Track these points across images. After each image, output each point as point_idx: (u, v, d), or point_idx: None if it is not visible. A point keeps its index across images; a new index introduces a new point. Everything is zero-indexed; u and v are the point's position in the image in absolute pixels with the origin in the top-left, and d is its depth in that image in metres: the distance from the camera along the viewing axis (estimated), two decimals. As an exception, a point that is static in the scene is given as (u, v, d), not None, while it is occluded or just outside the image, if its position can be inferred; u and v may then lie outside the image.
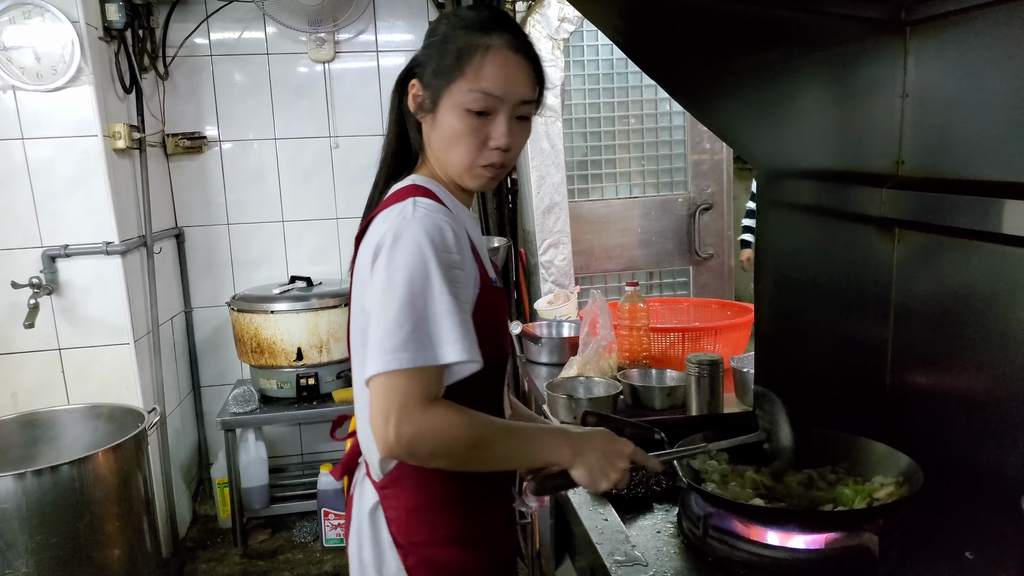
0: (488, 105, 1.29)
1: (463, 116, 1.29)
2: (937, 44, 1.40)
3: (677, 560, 1.34)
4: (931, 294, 1.46)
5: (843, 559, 1.26)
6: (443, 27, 1.35)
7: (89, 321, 3.16)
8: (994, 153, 1.29)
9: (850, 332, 1.69)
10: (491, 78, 1.28)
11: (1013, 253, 1.25)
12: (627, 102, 3.78)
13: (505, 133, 1.31)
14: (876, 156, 1.55)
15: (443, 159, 1.36)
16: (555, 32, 3.39)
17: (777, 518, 1.32)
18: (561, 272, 3.55)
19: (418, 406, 1.14)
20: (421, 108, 1.35)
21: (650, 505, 1.56)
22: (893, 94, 1.50)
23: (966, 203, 1.31)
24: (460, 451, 1.18)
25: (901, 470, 1.38)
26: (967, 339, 1.37)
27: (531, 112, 1.37)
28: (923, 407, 1.49)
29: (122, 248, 3.13)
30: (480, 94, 1.28)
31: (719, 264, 3.98)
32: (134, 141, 3.25)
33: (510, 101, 1.30)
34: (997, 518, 1.30)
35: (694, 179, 3.88)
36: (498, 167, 1.35)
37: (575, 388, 2.24)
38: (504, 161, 1.35)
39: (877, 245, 1.56)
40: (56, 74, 2.95)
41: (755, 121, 1.86)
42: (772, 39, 1.67)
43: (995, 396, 1.31)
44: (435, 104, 1.32)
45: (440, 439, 1.15)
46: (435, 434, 1.15)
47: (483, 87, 1.28)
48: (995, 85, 1.28)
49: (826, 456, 1.51)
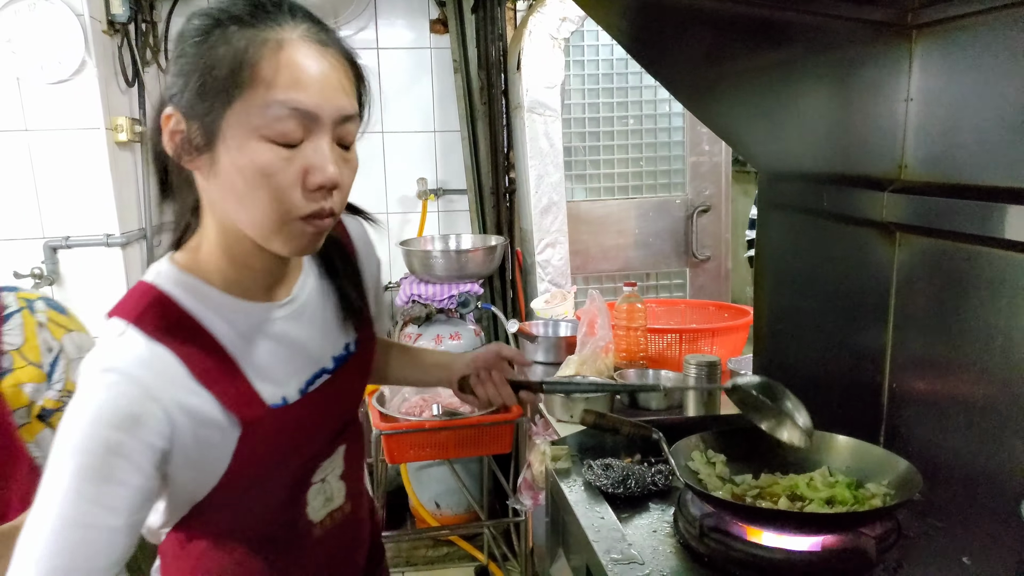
0: (297, 126, 0.89)
1: (260, 148, 0.89)
2: (942, 48, 1.40)
3: (673, 559, 1.34)
4: (931, 299, 1.46)
5: (839, 561, 1.26)
6: (200, 24, 0.90)
7: (90, 312, 3.14)
8: (998, 158, 1.30)
9: (849, 335, 1.69)
10: (296, 85, 0.88)
11: (1015, 259, 1.26)
12: (626, 102, 3.78)
13: (332, 161, 0.91)
14: (879, 160, 1.55)
15: (234, 219, 0.95)
16: (556, 31, 3.39)
17: (774, 519, 1.32)
18: (558, 272, 3.55)
19: None
20: (186, 149, 0.92)
21: (646, 504, 1.56)
22: (897, 98, 1.50)
23: (968, 208, 1.31)
24: None
25: (899, 474, 1.38)
26: (967, 345, 1.37)
27: (353, 136, 0.97)
28: (922, 412, 1.50)
29: (123, 240, 3.14)
30: (285, 109, 0.88)
31: (716, 266, 3.98)
32: (136, 134, 3.26)
33: (328, 117, 0.91)
34: (995, 524, 1.31)
35: (692, 181, 3.88)
36: (327, 215, 0.94)
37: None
38: (334, 207, 0.95)
39: (878, 249, 1.56)
40: (61, 67, 2.95)
41: (757, 123, 1.86)
42: (776, 41, 1.67)
43: (994, 402, 1.32)
44: (210, 139, 0.90)
45: None
46: None
47: (287, 98, 0.88)
48: (1000, 90, 1.28)
49: (823, 458, 1.52)
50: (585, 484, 1.61)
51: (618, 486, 1.58)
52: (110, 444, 0.88)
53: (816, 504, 1.38)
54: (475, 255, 3.43)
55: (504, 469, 3.35)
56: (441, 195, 3.98)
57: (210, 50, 0.88)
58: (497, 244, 3.51)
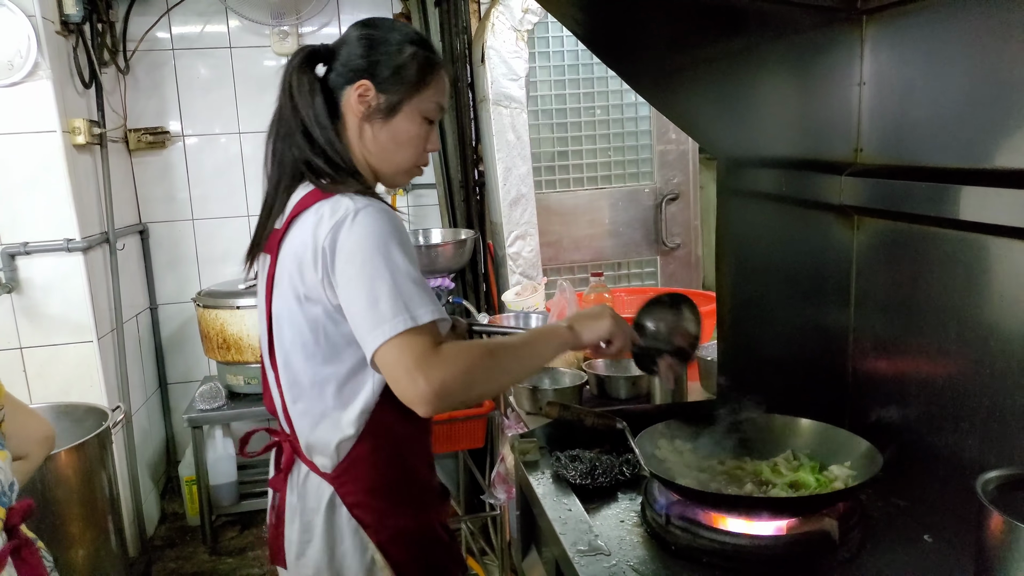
0: (437, 115, 1.47)
1: (420, 123, 1.45)
2: (893, 33, 1.41)
3: (640, 549, 1.34)
4: (890, 280, 1.47)
5: (804, 544, 1.27)
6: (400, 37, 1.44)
7: (51, 319, 3.11)
8: (950, 140, 1.30)
9: (811, 319, 1.70)
10: (443, 94, 1.48)
11: (969, 239, 1.27)
12: (593, 93, 3.77)
13: (437, 140, 1.53)
14: (835, 144, 1.56)
15: (383, 158, 1.46)
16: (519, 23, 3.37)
17: (738, 505, 1.33)
18: (529, 263, 3.54)
19: (432, 352, 1.23)
20: (370, 110, 1.42)
21: (615, 494, 1.56)
22: (851, 82, 1.50)
23: (923, 190, 1.32)
24: (485, 369, 1.30)
25: (860, 455, 1.40)
26: (925, 325, 1.38)
27: None
28: (883, 392, 1.51)
29: (84, 245, 3.08)
30: (436, 105, 1.46)
31: (686, 254, 4.00)
32: (94, 136, 3.20)
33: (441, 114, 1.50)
34: (955, 501, 1.32)
35: (660, 169, 3.89)
36: (423, 167, 1.53)
37: (540, 379, 2.24)
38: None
39: (837, 232, 1.57)
40: (12, 69, 2.89)
41: (715, 110, 1.86)
42: (731, 28, 1.67)
43: (952, 381, 1.33)
44: (393, 109, 1.42)
45: (464, 367, 1.25)
46: (458, 365, 1.24)
47: (440, 101, 1.47)
48: (950, 73, 1.29)
49: (787, 442, 1.53)
50: (554, 476, 1.60)
51: (586, 477, 1.58)
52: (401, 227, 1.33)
53: (780, 488, 1.39)
54: (445, 249, 3.41)
55: (480, 464, 3.35)
56: (410, 190, 3.97)
57: (411, 58, 1.42)
58: (467, 237, 3.50)
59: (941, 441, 1.36)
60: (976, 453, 1.28)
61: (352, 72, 1.42)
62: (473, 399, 1.34)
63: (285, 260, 1.39)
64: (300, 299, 1.36)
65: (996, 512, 0.98)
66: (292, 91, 1.42)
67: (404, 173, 1.51)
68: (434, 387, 1.21)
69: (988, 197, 1.18)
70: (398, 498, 1.45)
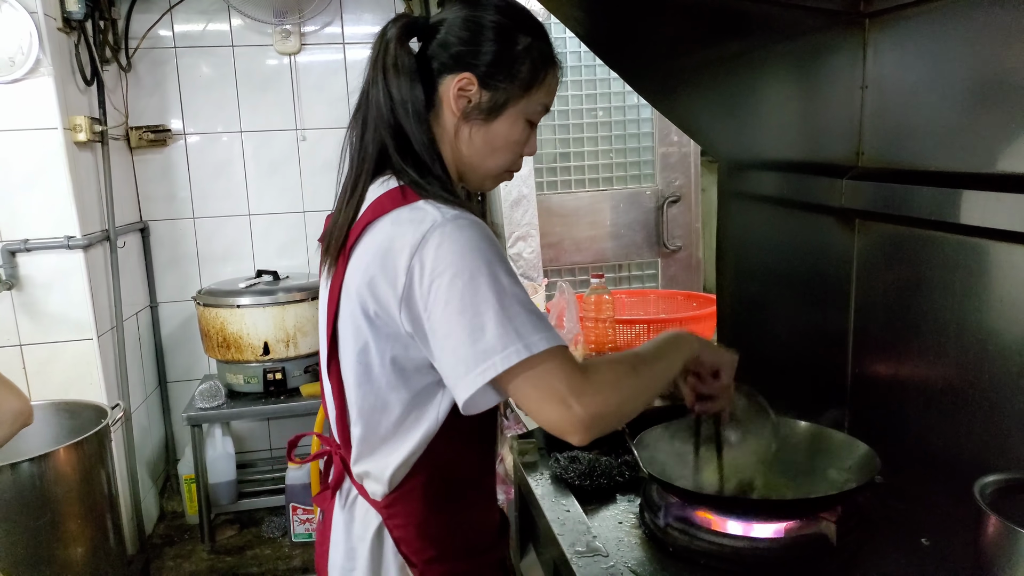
0: (541, 117, 1.29)
1: (523, 127, 1.26)
2: (895, 36, 1.41)
3: (638, 550, 1.34)
4: (890, 284, 1.47)
5: (802, 547, 1.27)
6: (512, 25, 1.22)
7: (51, 316, 3.11)
8: (951, 144, 1.31)
9: (811, 322, 1.70)
10: (553, 94, 1.28)
11: (970, 243, 1.27)
12: (595, 94, 3.78)
13: (535, 143, 1.32)
14: (836, 147, 1.56)
15: (474, 162, 1.27)
16: (522, 24, 3.38)
17: (736, 507, 1.33)
18: (529, 265, 3.54)
19: (580, 376, 1.08)
20: (470, 107, 1.22)
21: (613, 496, 1.56)
22: (853, 85, 1.51)
23: (924, 194, 1.32)
24: (631, 388, 1.15)
25: (859, 458, 1.40)
26: (925, 328, 1.39)
27: None
28: (883, 395, 1.51)
29: (84, 242, 3.08)
30: (543, 107, 1.28)
31: (687, 256, 4.00)
32: (96, 134, 3.20)
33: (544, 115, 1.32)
34: (953, 504, 1.31)
35: (662, 171, 3.89)
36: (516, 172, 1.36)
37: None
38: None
39: (838, 235, 1.57)
40: (14, 66, 2.88)
41: (717, 113, 1.86)
42: (733, 31, 1.67)
43: (951, 384, 1.33)
44: (496, 110, 1.23)
45: (615, 388, 1.12)
46: (609, 388, 1.11)
47: (547, 102, 1.28)
48: (952, 76, 1.29)
49: (786, 445, 1.53)
50: (552, 477, 1.61)
51: (585, 478, 1.58)
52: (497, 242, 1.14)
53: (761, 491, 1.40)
54: (445, 250, 3.40)
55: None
56: (412, 190, 3.95)
57: (525, 53, 1.22)
58: (467, 238, 3.49)
59: (939, 445, 1.36)
60: (974, 457, 1.28)
61: (452, 59, 1.21)
62: (622, 421, 1.19)
63: (355, 271, 1.18)
64: (369, 317, 1.17)
65: (994, 516, 0.98)
66: (386, 69, 1.20)
67: (493, 178, 1.32)
68: (592, 413, 1.07)
69: (989, 202, 1.19)
70: (450, 539, 1.30)
